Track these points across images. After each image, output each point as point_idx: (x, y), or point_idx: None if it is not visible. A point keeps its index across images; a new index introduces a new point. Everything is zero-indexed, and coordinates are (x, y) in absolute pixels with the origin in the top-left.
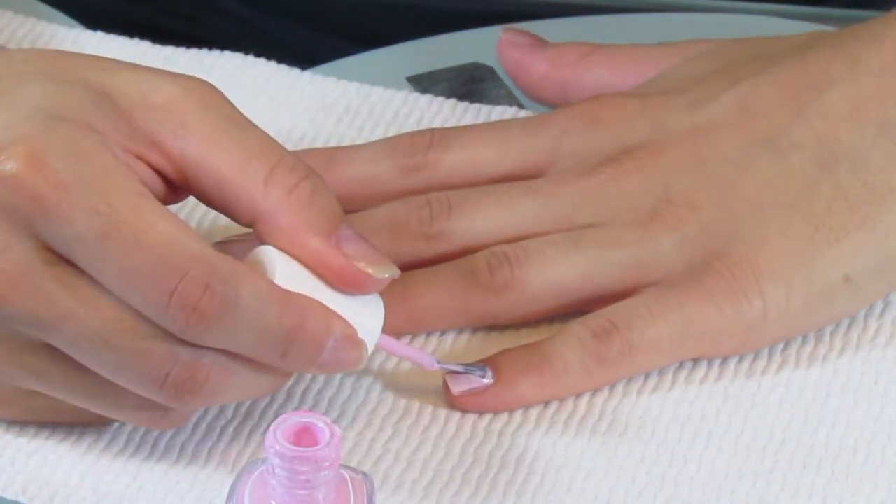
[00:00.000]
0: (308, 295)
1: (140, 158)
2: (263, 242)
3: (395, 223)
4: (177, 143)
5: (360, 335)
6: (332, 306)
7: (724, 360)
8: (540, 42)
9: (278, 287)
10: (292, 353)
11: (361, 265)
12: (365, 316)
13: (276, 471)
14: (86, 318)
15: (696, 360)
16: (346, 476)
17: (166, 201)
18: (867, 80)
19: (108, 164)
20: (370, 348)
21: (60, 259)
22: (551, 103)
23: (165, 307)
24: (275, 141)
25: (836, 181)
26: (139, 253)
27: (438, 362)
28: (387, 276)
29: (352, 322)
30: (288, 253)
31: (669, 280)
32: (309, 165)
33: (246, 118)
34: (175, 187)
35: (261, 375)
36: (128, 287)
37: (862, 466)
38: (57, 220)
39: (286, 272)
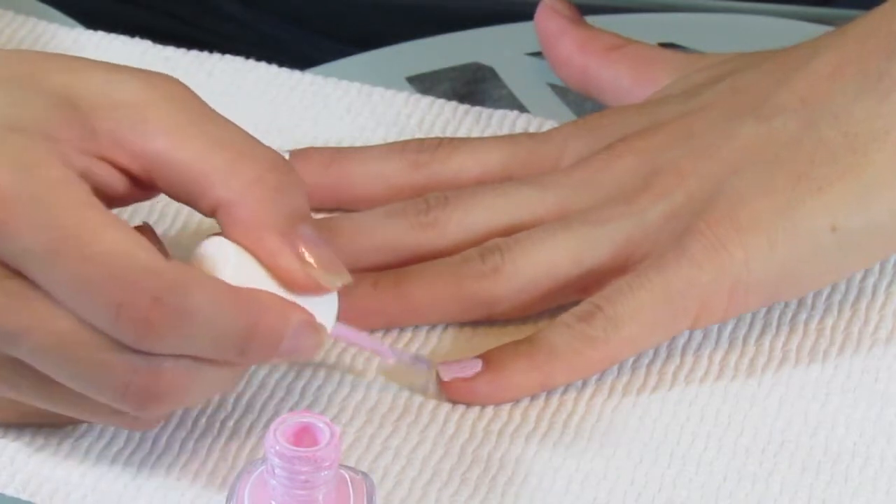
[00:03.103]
0: (261, 287)
1: (103, 159)
2: (222, 234)
3: (392, 214)
4: (139, 139)
5: (318, 319)
6: (286, 295)
7: (724, 356)
8: (577, 18)
9: (231, 287)
10: (251, 350)
11: (313, 270)
12: (319, 304)
13: (276, 471)
14: (41, 331)
15: (696, 358)
16: (346, 476)
17: (135, 200)
18: (851, 46)
19: (55, 175)
20: (328, 332)
21: (13, 273)
22: (570, 86)
23: (115, 320)
24: (244, 132)
25: (818, 136)
26: (86, 266)
27: (393, 352)
28: (339, 284)
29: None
30: (242, 245)
31: (658, 252)
32: (281, 158)
33: (213, 112)
34: (142, 185)
35: (222, 372)
36: (78, 300)
37: (861, 470)
38: (4, 235)
39: (238, 266)
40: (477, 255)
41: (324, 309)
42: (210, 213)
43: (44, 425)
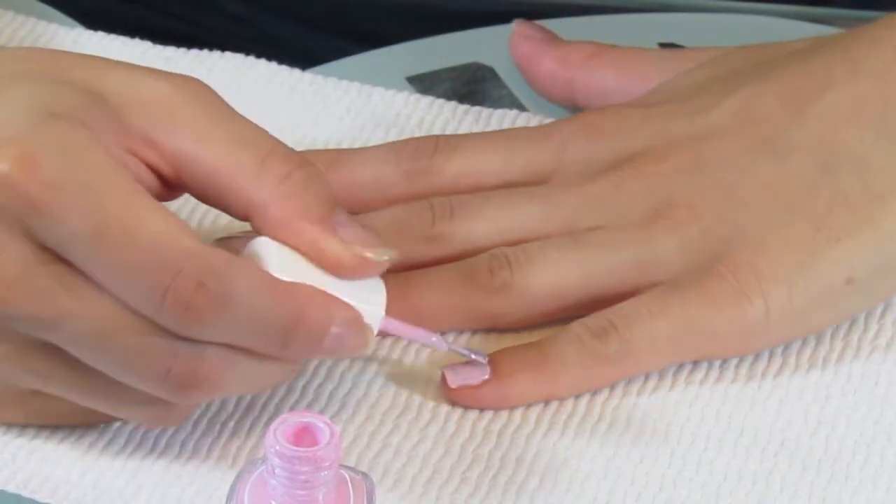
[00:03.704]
0: (307, 283)
1: (134, 155)
2: (260, 234)
3: (396, 225)
4: (168, 139)
5: (364, 319)
6: (333, 292)
7: (724, 360)
8: (551, 37)
9: (274, 278)
10: (293, 343)
11: (359, 249)
12: (367, 300)
13: (276, 471)
14: (84, 316)
15: (695, 362)
16: (346, 476)
17: (161, 199)
18: (867, 83)
19: (99, 161)
20: (375, 330)
21: (57, 258)
22: (557, 101)
23: (160, 305)
24: (267, 132)
25: (836, 183)
26: (131, 251)
27: (446, 343)
28: (385, 258)
29: (354, 306)
30: (284, 242)
31: (670, 282)
32: (302, 155)
33: (237, 112)
34: (170, 185)
35: (266, 366)
36: (122, 285)
37: (861, 468)
38: (50, 219)
39: (283, 262)
40: (486, 268)
41: (371, 305)
42: (242, 214)
43: (47, 426)
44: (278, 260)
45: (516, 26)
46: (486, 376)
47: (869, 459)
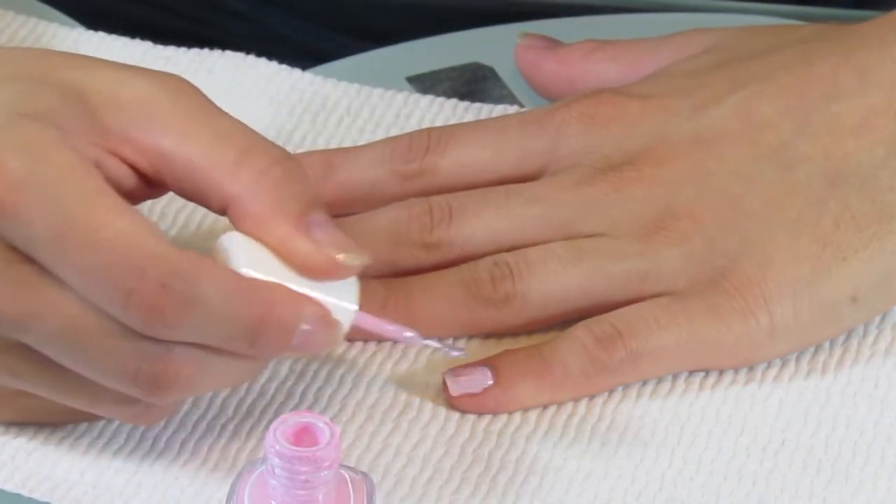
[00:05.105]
0: (277, 280)
1: (113, 154)
2: (235, 229)
3: (395, 231)
4: (148, 136)
5: (335, 314)
6: (302, 289)
7: None
8: (553, 43)
9: (241, 277)
10: (261, 342)
11: (331, 251)
12: (339, 295)
13: (276, 471)
14: (50, 317)
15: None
16: (346, 476)
17: (144, 197)
18: (876, 94)
19: (66, 161)
20: (346, 326)
21: (23, 258)
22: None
23: (124, 307)
24: (248, 127)
25: (843, 199)
26: (95, 252)
27: (421, 339)
28: (357, 263)
29: (325, 302)
30: (256, 238)
31: (673, 292)
32: (283, 151)
33: (218, 109)
34: (151, 182)
35: (235, 364)
36: (87, 286)
37: (862, 468)
38: (13, 219)
39: (251, 258)
40: (488, 278)
41: (343, 299)
42: (220, 209)
43: (44, 424)
44: (247, 256)
45: (520, 38)
46: (488, 383)
47: (869, 460)
